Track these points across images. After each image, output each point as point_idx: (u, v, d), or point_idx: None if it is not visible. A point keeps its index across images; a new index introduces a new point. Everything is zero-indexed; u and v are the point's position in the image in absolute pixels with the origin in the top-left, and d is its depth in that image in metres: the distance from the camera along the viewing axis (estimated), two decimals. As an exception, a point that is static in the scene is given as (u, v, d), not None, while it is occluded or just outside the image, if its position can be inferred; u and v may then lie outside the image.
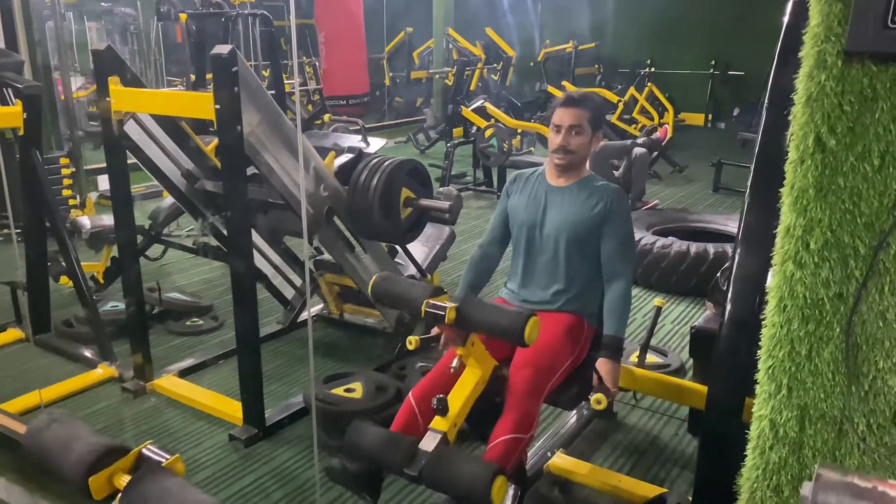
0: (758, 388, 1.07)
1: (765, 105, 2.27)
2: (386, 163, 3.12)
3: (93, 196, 6.75)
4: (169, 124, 3.38)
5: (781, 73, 2.19)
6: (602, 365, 2.28)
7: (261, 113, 2.84)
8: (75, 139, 6.93)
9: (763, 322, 1.05)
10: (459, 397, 2.03)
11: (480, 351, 2.09)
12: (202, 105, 2.70)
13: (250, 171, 3.02)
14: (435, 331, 2.58)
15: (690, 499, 2.33)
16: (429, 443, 1.94)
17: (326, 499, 2.63)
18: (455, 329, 1.99)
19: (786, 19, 2.23)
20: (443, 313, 1.92)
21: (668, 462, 2.88)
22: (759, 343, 1.08)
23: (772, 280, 1.02)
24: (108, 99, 2.97)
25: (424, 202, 3.20)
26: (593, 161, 5.69)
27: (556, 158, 2.43)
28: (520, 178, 2.60)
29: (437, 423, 1.98)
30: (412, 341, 2.51)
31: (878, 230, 0.92)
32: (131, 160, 3.25)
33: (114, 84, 2.97)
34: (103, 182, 7.23)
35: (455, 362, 2.08)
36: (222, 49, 2.59)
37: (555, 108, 2.47)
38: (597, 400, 2.18)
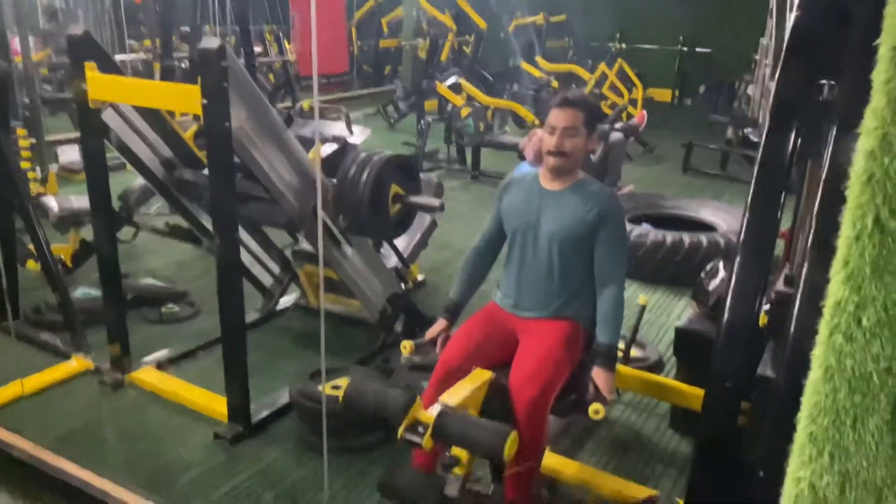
0: (796, 449, 1.08)
1: (768, 116, 2.30)
2: (375, 158, 3.07)
3: (54, 168, 6.52)
4: (146, 109, 3.26)
5: (785, 82, 2.23)
6: (598, 375, 2.30)
7: (249, 108, 2.75)
8: (35, 108, 6.64)
9: (804, 388, 1.05)
10: None
11: None
12: (190, 99, 2.60)
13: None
14: (430, 335, 2.58)
15: (681, 502, 2.40)
16: (453, 488, 1.98)
17: (316, 501, 2.63)
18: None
19: (792, 18, 2.24)
20: (420, 440, 1.89)
21: (651, 458, 2.94)
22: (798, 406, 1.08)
23: (818, 349, 1.03)
24: (84, 87, 2.85)
25: (414, 199, 3.16)
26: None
27: (552, 161, 2.39)
28: (513, 182, 2.57)
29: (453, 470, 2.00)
30: (407, 346, 2.51)
31: (931, 312, 0.93)
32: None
33: (91, 70, 2.84)
34: (64, 153, 6.98)
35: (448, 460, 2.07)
36: (211, 43, 2.50)
37: (550, 108, 2.44)
38: (595, 410, 2.21)
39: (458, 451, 2.01)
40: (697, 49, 11.76)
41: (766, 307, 2.29)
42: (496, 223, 2.56)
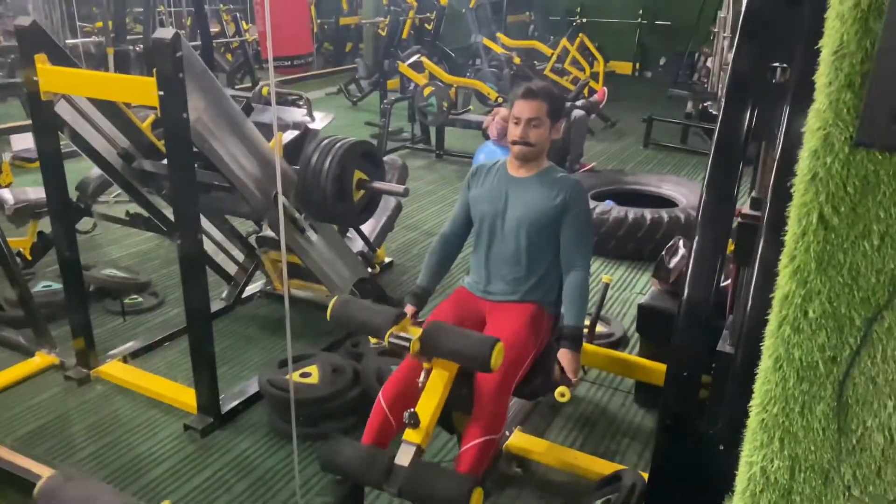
0: (748, 435, 1.13)
1: (723, 96, 2.34)
2: (337, 145, 3.06)
3: (6, 157, 6.34)
4: (102, 100, 3.19)
5: (739, 64, 2.27)
6: (563, 356, 2.35)
7: (206, 97, 2.72)
8: (-17, 96, 6.45)
9: (756, 377, 1.10)
10: (429, 407, 2.06)
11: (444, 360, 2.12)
12: (145, 90, 2.55)
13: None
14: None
15: (645, 475, 2.47)
16: (404, 457, 1.97)
17: (289, 490, 2.65)
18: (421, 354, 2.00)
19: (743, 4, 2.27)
20: (407, 344, 1.94)
21: (617, 434, 3.01)
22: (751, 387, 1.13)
23: (767, 340, 1.07)
24: (35, 79, 2.78)
25: (378, 185, 3.16)
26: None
27: (517, 150, 2.45)
28: (481, 169, 2.60)
29: (410, 434, 2.01)
30: (374, 340, 2.53)
31: (873, 304, 0.97)
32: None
33: (41, 63, 2.77)
34: (17, 141, 6.79)
35: (422, 377, 2.10)
36: (165, 33, 2.45)
37: (513, 99, 2.48)
38: (560, 393, 2.25)
39: (420, 409, 2.04)
40: (657, 22, 11.83)
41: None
42: (464, 210, 2.59)
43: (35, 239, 4.31)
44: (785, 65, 2.11)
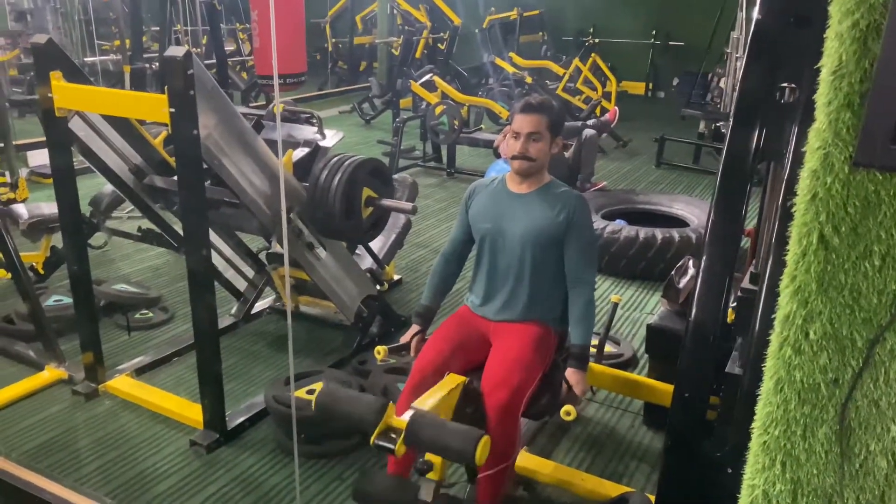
0: (750, 458, 1.11)
1: (731, 116, 2.34)
2: (347, 162, 3.07)
3: (24, 173, 6.43)
4: (114, 116, 3.23)
5: (747, 85, 2.27)
6: (571, 375, 2.34)
7: (217, 115, 2.74)
8: (2, 111, 6.53)
9: (758, 398, 1.09)
10: None
11: None
12: (156, 108, 2.58)
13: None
14: (404, 339, 2.60)
15: (652, 498, 2.44)
16: (427, 493, 2.00)
17: (294, 506, 2.64)
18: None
19: (755, 18, 2.27)
20: (393, 446, 1.90)
21: (625, 455, 2.98)
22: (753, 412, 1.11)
23: (769, 361, 1.06)
24: (49, 96, 2.82)
25: (386, 202, 3.17)
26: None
27: (517, 165, 2.43)
28: (479, 187, 2.59)
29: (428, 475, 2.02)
30: (381, 351, 2.53)
31: (875, 325, 0.96)
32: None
33: (56, 80, 2.81)
34: (34, 157, 6.88)
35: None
36: (177, 51, 2.48)
37: (513, 114, 2.47)
38: (566, 412, 2.23)
39: (431, 456, 2.03)
40: (670, 42, 11.84)
41: (733, 304, 2.34)
42: (464, 229, 2.58)
43: (48, 254, 4.36)
44: (793, 85, 2.10)
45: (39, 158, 6.68)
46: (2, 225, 3.59)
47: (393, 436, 1.94)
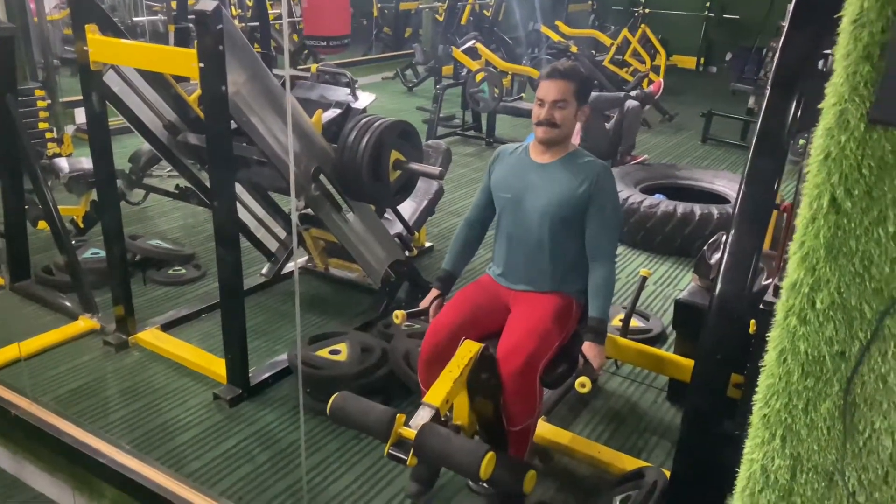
0: (750, 432, 1.07)
1: (769, 85, 2.24)
2: (376, 124, 3.04)
3: (70, 129, 6.57)
4: (150, 72, 3.25)
5: (788, 51, 2.16)
6: (588, 349, 2.29)
7: (246, 72, 2.74)
8: (50, 68, 6.66)
9: (761, 369, 1.04)
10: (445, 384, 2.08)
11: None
12: (186, 62, 2.59)
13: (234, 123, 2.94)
14: (423, 304, 2.58)
15: (668, 473, 2.40)
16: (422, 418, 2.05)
17: (311, 462, 2.67)
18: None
19: None
20: (405, 457, 1.97)
21: (646, 431, 2.94)
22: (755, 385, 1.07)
23: (774, 331, 1.01)
24: (85, 49, 2.85)
25: (414, 166, 3.14)
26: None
27: (541, 132, 2.36)
28: (503, 153, 2.53)
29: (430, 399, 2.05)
30: (399, 315, 2.52)
31: (886, 296, 0.91)
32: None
33: (91, 33, 2.84)
34: (81, 114, 7.01)
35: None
36: (206, 5, 2.47)
37: (539, 80, 2.40)
38: (581, 383, 2.20)
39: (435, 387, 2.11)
40: (725, 15, 11.45)
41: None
42: (486, 195, 2.53)
43: (88, 208, 4.45)
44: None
45: (86, 115, 6.82)
46: (43, 178, 3.67)
47: (405, 445, 2.01)
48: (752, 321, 2.09)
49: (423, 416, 2.05)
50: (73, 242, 3.91)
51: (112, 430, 2.78)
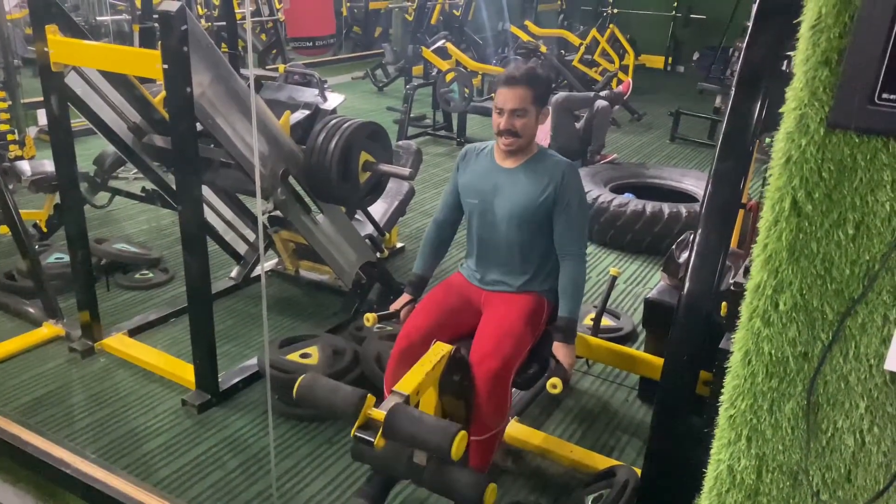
0: (717, 433, 1.08)
1: (734, 85, 2.26)
2: (345, 125, 3.02)
3: (32, 131, 6.43)
4: (114, 73, 3.19)
5: (752, 51, 2.19)
6: (559, 349, 2.30)
7: (212, 73, 2.70)
8: (10, 68, 6.51)
9: (727, 370, 1.05)
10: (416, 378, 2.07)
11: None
12: (149, 63, 2.54)
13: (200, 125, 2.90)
14: (394, 307, 2.57)
15: (639, 471, 2.41)
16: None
17: (282, 468, 2.64)
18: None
19: None
20: (373, 439, 1.90)
21: (617, 429, 2.96)
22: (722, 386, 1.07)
23: (738, 333, 1.02)
24: (46, 50, 2.79)
25: (384, 167, 3.13)
26: (555, 112, 5.61)
27: (503, 143, 2.33)
28: (470, 153, 2.51)
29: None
30: (370, 318, 2.50)
31: (846, 297, 0.92)
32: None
33: (52, 34, 2.78)
34: (43, 116, 6.87)
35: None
36: (170, 6, 2.43)
37: (496, 86, 2.35)
38: (552, 384, 2.20)
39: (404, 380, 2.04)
40: (692, 15, 11.59)
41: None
42: (454, 196, 2.52)
43: (51, 212, 4.36)
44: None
45: (49, 117, 6.68)
46: (4, 182, 3.59)
47: (373, 427, 1.93)
48: (724, 303, 2.12)
49: (393, 401, 2.01)
50: (37, 247, 3.83)
51: (77, 439, 2.73)
